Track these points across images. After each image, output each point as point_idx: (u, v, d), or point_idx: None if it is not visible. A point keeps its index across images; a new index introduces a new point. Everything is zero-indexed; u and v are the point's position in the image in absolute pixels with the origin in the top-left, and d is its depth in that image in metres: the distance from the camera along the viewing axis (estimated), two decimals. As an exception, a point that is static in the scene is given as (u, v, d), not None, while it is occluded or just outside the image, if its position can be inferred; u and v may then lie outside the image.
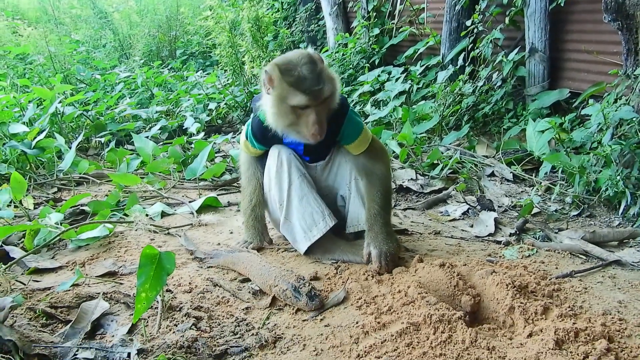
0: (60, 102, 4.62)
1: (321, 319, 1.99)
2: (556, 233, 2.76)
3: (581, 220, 2.98)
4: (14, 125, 4.03)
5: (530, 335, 1.74)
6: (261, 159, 2.62)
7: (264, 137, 2.46)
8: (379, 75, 6.04)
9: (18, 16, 10.98)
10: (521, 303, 1.88)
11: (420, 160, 3.96)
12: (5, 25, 10.34)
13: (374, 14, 6.73)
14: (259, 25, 5.04)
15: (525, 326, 1.80)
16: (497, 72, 4.70)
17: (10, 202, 3.16)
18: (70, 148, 4.04)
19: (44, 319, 2.07)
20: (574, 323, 1.75)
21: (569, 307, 1.89)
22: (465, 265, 2.15)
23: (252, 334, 1.91)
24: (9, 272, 2.42)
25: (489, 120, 4.69)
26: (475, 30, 4.95)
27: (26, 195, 3.26)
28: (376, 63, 6.63)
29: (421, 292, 1.96)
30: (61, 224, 2.82)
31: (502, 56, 4.60)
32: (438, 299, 1.93)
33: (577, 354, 1.61)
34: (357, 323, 1.91)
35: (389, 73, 6.08)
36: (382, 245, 2.31)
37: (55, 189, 3.82)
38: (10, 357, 1.80)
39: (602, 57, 4.08)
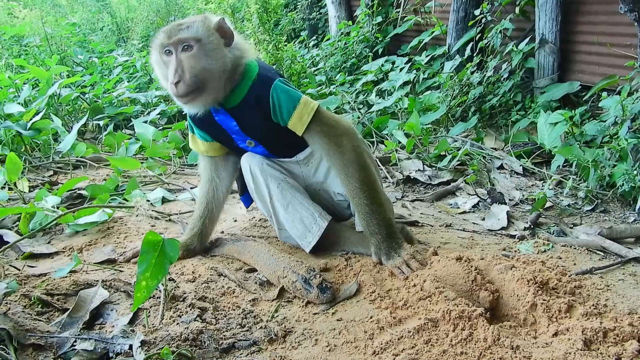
0: (58, 84, 4.47)
1: (333, 313, 1.90)
2: (571, 228, 2.68)
3: (595, 216, 2.89)
4: (9, 105, 3.90)
5: (555, 334, 1.65)
6: (223, 164, 2.43)
7: (199, 118, 2.21)
8: (382, 65, 5.93)
9: (13, -3, 10.75)
10: (544, 300, 1.79)
11: (427, 151, 3.86)
12: (0, 6, 10.13)
13: (378, 1, 6.61)
14: (266, 8, 4.90)
15: (549, 324, 1.72)
16: (505, 63, 4.59)
17: (5, 184, 3.05)
18: (66, 130, 3.92)
19: (40, 306, 1.97)
20: (601, 322, 1.67)
21: (593, 305, 1.80)
22: (482, 259, 2.06)
23: (261, 327, 1.81)
24: (3, 257, 2.31)
25: (496, 112, 4.59)
26: (484, 20, 4.84)
27: (21, 178, 3.14)
28: (379, 52, 6.52)
29: (438, 287, 1.86)
30: (58, 207, 2.71)
31: (513, 46, 4.49)
32: (456, 294, 1.84)
33: (608, 356, 1.53)
34: (371, 318, 1.82)
35: (393, 63, 5.97)
36: (391, 252, 2.10)
37: (51, 172, 3.70)
38: (3, 346, 1.70)
39: (615, 50, 3.99)
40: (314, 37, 8.02)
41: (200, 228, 2.39)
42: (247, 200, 2.54)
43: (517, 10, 4.61)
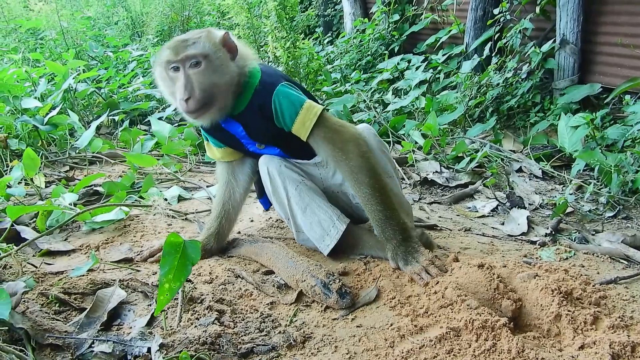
0: (73, 78, 4.48)
1: (352, 319, 1.87)
2: (593, 235, 2.63)
3: (617, 222, 2.84)
4: (27, 99, 3.90)
5: (582, 347, 1.61)
6: (240, 167, 2.43)
7: (208, 126, 2.22)
8: (398, 63, 5.88)
9: (29, -10, 10.78)
10: (568, 311, 1.75)
11: (444, 153, 3.81)
12: (17, -1, 10.18)
13: (395, -1, 6.55)
14: (285, 5, 4.87)
15: (574, 337, 1.68)
16: (526, 65, 4.52)
17: (22, 179, 3.05)
18: (82, 126, 3.92)
19: (57, 305, 1.96)
20: (628, 336, 1.63)
21: (619, 317, 1.75)
22: (504, 266, 2.02)
23: (279, 332, 1.79)
24: (20, 254, 2.30)
25: (514, 114, 4.53)
26: (503, 19, 4.77)
27: (38, 173, 3.14)
28: (395, 50, 6.47)
29: (460, 295, 1.83)
30: (75, 204, 2.71)
31: (534, 47, 4.43)
32: (478, 303, 1.80)
33: (637, 372, 1.49)
34: (391, 325, 1.78)
35: (409, 61, 5.92)
36: (408, 258, 2.07)
37: (67, 167, 3.70)
38: (22, 346, 1.69)
39: (638, 52, 3.92)
40: (329, 34, 7.97)
41: (217, 228, 2.37)
42: (266, 202, 2.52)
43: (537, 9, 4.54)
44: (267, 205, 2.54)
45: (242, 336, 1.77)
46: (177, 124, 4.60)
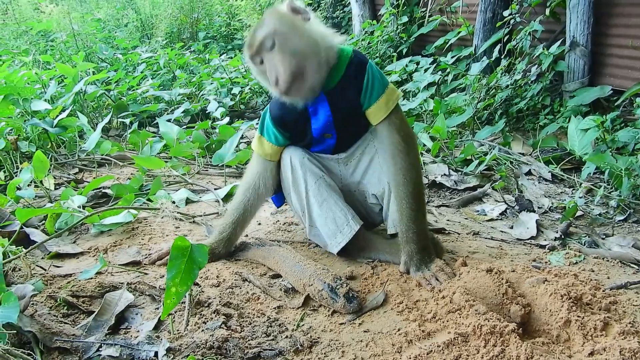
0: (84, 81, 4.51)
1: (359, 324, 1.86)
2: (603, 239, 2.60)
3: (627, 226, 2.81)
4: (36, 102, 3.93)
5: (592, 353, 1.59)
6: (273, 173, 2.36)
7: (283, 115, 2.17)
8: (406, 65, 5.86)
9: (40, -8, 10.89)
10: (578, 317, 1.73)
11: (452, 155, 3.79)
12: (28, 1, 10.29)
13: (403, 0, 6.53)
14: (293, 7, 4.87)
15: (584, 343, 1.66)
16: (536, 66, 4.49)
17: (31, 182, 3.07)
18: (92, 128, 3.94)
19: (65, 308, 1.96)
20: (638, 342, 1.60)
21: (630, 323, 1.73)
22: (513, 271, 2.00)
23: (286, 336, 1.79)
24: (30, 257, 2.32)
25: (524, 116, 4.50)
26: (512, 21, 4.75)
27: (47, 175, 3.16)
28: (404, 52, 6.45)
29: (468, 300, 1.82)
30: (84, 207, 2.72)
31: (543, 48, 4.40)
32: (487, 308, 1.79)
33: (648, 379, 1.47)
34: (399, 330, 1.78)
35: (417, 63, 5.90)
36: (422, 265, 2.08)
37: (76, 170, 3.72)
38: (30, 349, 1.70)
39: (649, 54, 3.89)
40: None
41: (230, 234, 2.35)
42: (278, 199, 2.50)
43: (547, 11, 4.51)
44: (279, 202, 2.52)
45: (249, 340, 1.76)
46: (185, 126, 4.62)
